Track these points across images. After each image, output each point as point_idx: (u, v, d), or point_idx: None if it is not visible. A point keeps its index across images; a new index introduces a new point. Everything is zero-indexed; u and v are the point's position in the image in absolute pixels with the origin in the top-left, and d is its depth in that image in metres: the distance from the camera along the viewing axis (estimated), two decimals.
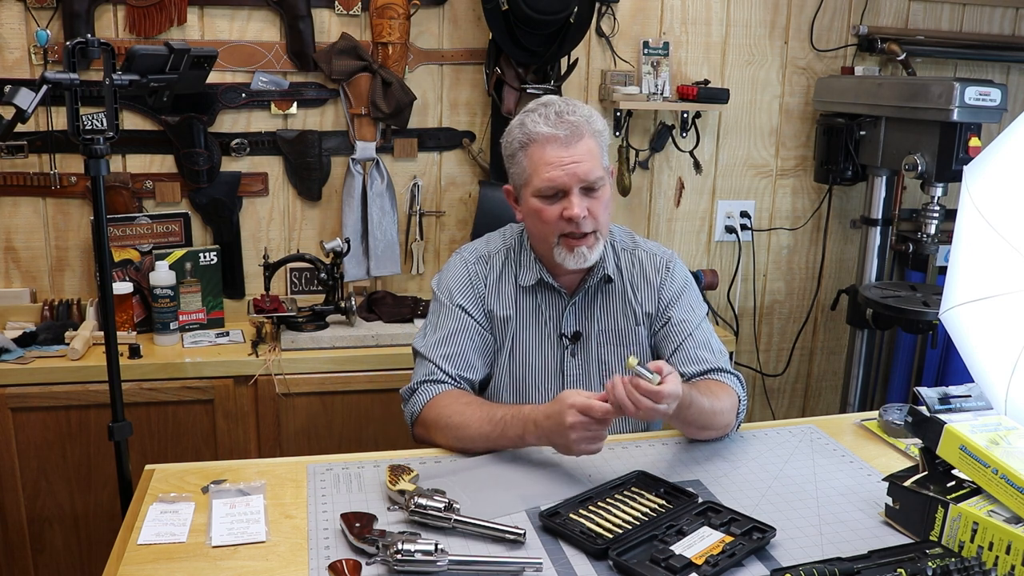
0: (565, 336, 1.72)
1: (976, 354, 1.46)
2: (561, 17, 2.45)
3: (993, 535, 1.19)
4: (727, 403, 1.60)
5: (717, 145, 2.91)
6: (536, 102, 1.65)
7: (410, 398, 1.66)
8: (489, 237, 1.82)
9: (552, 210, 1.60)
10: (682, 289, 1.76)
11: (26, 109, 1.56)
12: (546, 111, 1.60)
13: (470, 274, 1.74)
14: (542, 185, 1.59)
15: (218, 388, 2.26)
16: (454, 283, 1.73)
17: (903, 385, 3.04)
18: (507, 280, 1.73)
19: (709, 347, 1.71)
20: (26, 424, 2.17)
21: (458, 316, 1.70)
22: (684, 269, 1.79)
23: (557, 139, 1.58)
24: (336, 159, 2.59)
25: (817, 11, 2.87)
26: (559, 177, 1.57)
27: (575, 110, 1.61)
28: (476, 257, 1.76)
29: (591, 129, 1.61)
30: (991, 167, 1.46)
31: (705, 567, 1.20)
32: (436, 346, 1.68)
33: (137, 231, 2.46)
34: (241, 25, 2.45)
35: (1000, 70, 3.08)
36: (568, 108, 1.61)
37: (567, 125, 1.58)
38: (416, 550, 1.18)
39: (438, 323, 1.71)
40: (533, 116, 1.61)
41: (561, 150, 1.57)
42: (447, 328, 1.69)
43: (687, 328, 1.71)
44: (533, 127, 1.59)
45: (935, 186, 2.53)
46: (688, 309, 1.74)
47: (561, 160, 1.57)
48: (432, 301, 1.77)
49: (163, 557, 1.24)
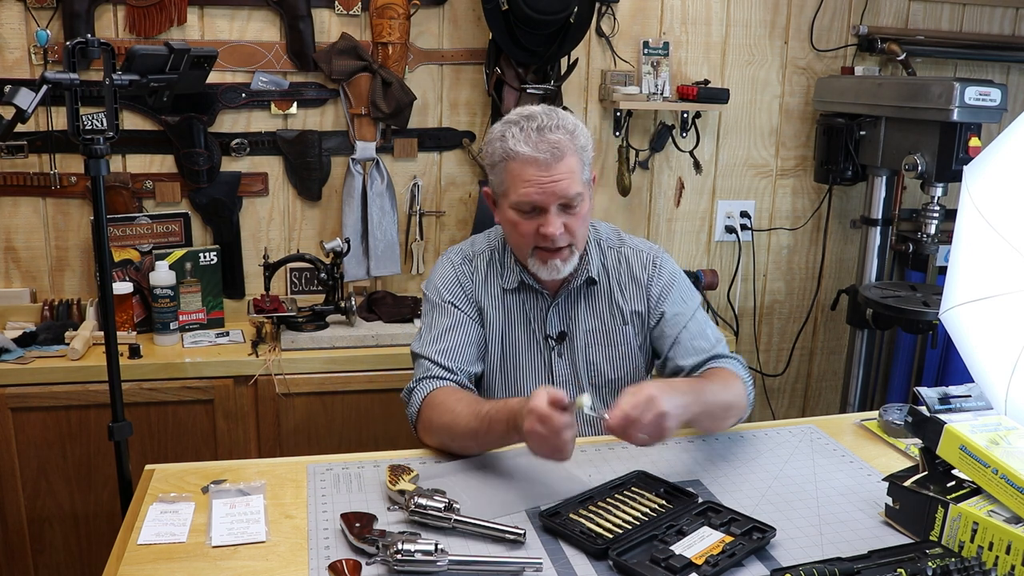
0: (550, 337, 1.72)
1: (976, 354, 1.46)
2: (561, 17, 2.45)
3: (993, 535, 1.19)
4: (734, 390, 1.60)
5: (717, 145, 2.91)
6: (518, 113, 1.61)
7: (409, 399, 1.65)
8: (474, 238, 1.82)
9: (528, 224, 1.59)
10: (671, 283, 1.75)
11: (26, 109, 1.56)
12: (528, 126, 1.56)
13: (457, 274, 1.74)
14: (519, 200, 1.57)
15: (218, 388, 2.26)
16: (442, 282, 1.73)
17: (903, 385, 3.04)
18: (492, 281, 1.74)
19: (705, 336, 1.71)
20: (26, 424, 2.18)
21: (450, 311, 1.70)
22: (671, 263, 1.78)
23: (537, 161, 1.54)
24: (336, 159, 2.59)
25: (817, 11, 2.87)
26: (536, 196, 1.56)
27: (559, 125, 1.57)
28: (462, 258, 1.76)
29: (574, 146, 1.58)
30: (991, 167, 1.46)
31: (705, 567, 1.20)
32: (431, 343, 1.68)
33: (137, 231, 2.46)
34: (241, 25, 2.45)
35: (1000, 70, 3.08)
36: (551, 123, 1.57)
37: (548, 146, 1.54)
38: (416, 550, 1.18)
39: (431, 322, 1.72)
40: (514, 131, 1.57)
41: (541, 171, 1.54)
42: (441, 325, 1.69)
43: (681, 320, 1.72)
44: (514, 145, 1.56)
45: (935, 186, 2.53)
46: (679, 302, 1.74)
47: (540, 180, 1.55)
48: (423, 303, 1.78)
49: (163, 557, 1.24)
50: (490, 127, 2.64)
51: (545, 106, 1.63)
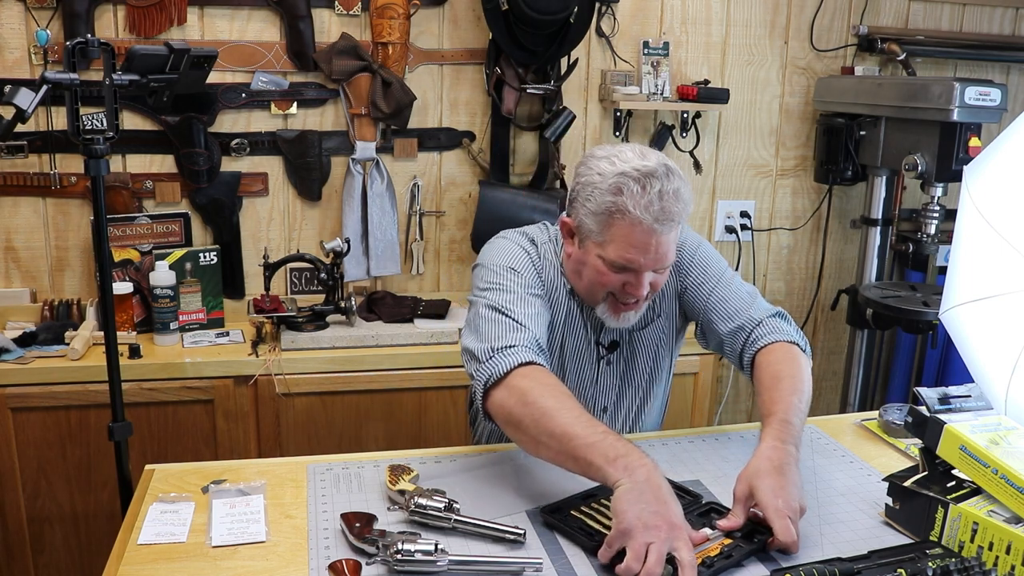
0: (602, 345, 1.67)
1: (976, 354, 1.46)
2: (561, 17, 2.45)
3: (993, 535, 1.19)
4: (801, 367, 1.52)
5: (717, 145, 2.91)
6: (636, 168, 1.45)
7: (490, 359, 1.41)
8: (525, 230, 1.68)
9: (615, 277, 1.51)
10: (693, 253, 1.67)
11: (26, 109, 1.56)
12: (650, 190, 1.43)
13: (527, 251, 1.61)
14: (615, 258, 1.48)
15: (218, 388, 2.26)
16: (509, 259, 1.58)
17: (903, 385, 3.04)
18: (549, 272, 1.63)
19: (739, 297, 1.63)
20: (26, 424, 2.17)
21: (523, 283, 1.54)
22: (692, 234, 1.71)
23: (651, 230, 1.44)
24: (336, 159, 2.59)
25: (817, 11, 2.87)
26: (637, 261, 1.47)
27: (679, 196, 1.45)
28: (526, 239, 1.64)
29: (684, 217, 1.49)
30: (991, 167, 1.46)
31: (701, 568, 1.20)
32: (515, 305, 1.48)
33: (137, 231, 2.46)
34: (241, 25, 2.45)
35: (1000, 70, 3.08)
36: (671, 188, 1.44)
37: (667, 216, 1.44)
38: (416, 550, 1.18)
39: (505, 285, 1.52)
40: (634, 189, 1.43)
41: (650, 238, 1.45)
42: (517, 291, 1.52)
43: (708, 287, 1.64)
44: (632, 207, 1.43)
45: (935, 186, 2.53)
46: (702, 269, 1.66)
47: (647, 247, 1.46)
48: (483, 272, 1.58)
49: (163, 557, 1.24)
50: (490, 127, 2.68)
51: (662, 162, 1.48)
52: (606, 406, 1.72)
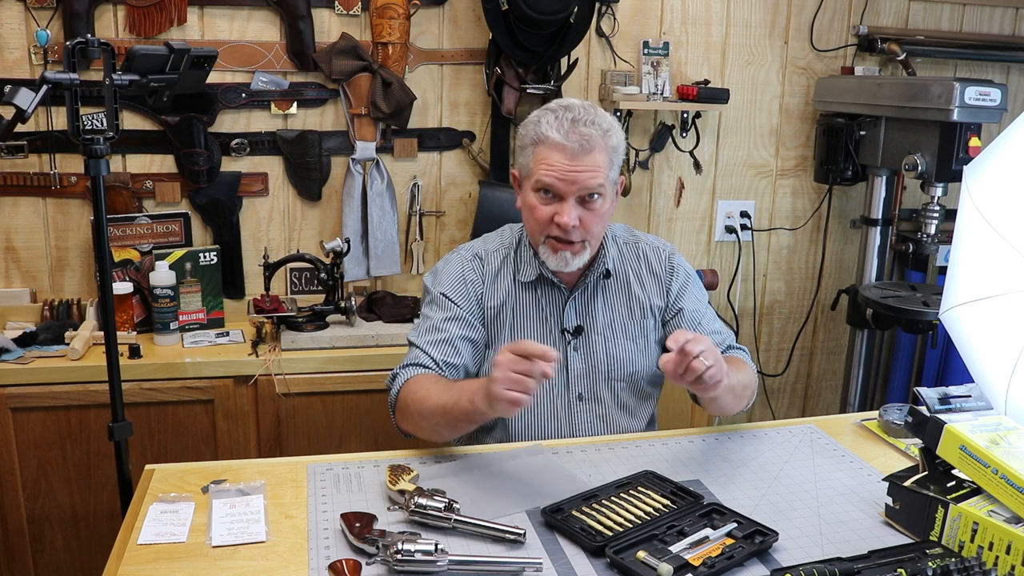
0: (567, 331, 1.73)
1: (976, 354, 1.45)
2: (561, 17, 2.45)
3: (993, 535, 1.19)
4: (749, 373, 1.70)
5: (717, 145, 2.91)
6: (558, 102, 1.63)
7: (392, 384, 1.65)
8: (487, 237, 1.83)
9: (545, 210, 1.61)
10: (687, 280, 1.80)
11: (26, 109, 1.56)
12: (563, 116, 1.58)
13: (464, 270, 1.75)
14: (538, 181, 1.60)
15: (218, 388, 2.26)
16: (445, 277, 1.75)
17: (903, 385, 3.04)
18: (504, 276, 1.74)
19: (717, 330, 1.79)
20: (26, 424, 2.17)
21: (448, 306, 1.71)
22: (684, 261, 1.83)
23: (564, 149, 1.56)
24: (336, 159, 2.59)
25: (817, 11, 2.87)
26: (556, 183, 1.58)
27: (594, 120, 1.58)
28: (472, 255, 1.78)
29: (604, 144, 1.59)
30: (991, 167, 1.46)
31: (702, 568, 1.20)
32: (425, 333, 1.69)
33: (137, 231, 2.46)
34: (241, 25, 2.45)
35: (1000, 70, 3.08)
36: (587, 117, 1.58)
37: (579, 137, 1.56)
38: (416, 550, 1.18)
39: (429, 313, 1.73)
40: (549, 118, 1.59)
41: (566, 159, 1.56)
42: (436, 318, 1.70)
43: (697, 317, 1.77)
44: (546, 130, 1.58)
45: (935, 186, 2.53)
46: (695, 299, 1.80)
47: (563, 167, 1.57)
48: (424, 295, 1.79)
49: (163, 557, 1.24)
50: (490, 127, 2.68)
51: (587, 102, 1.64)
52: (581, 393, 1.75)
